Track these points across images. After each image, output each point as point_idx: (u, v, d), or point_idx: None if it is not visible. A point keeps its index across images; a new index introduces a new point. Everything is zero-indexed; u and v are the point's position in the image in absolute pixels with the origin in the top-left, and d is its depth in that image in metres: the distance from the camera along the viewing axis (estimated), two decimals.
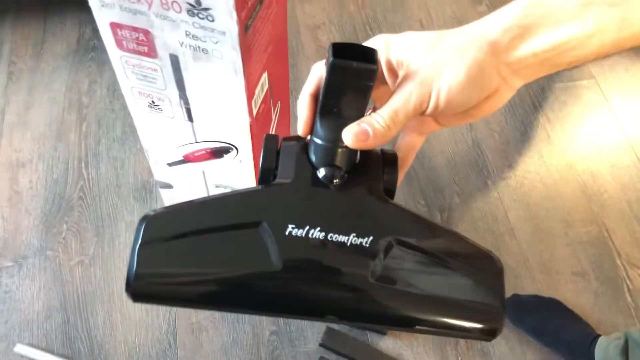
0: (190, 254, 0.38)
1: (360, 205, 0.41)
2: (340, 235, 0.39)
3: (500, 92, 0.41)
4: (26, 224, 1.00)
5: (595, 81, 1.22)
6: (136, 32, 0.53)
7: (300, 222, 0.38)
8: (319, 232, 0.38)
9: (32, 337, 0.89)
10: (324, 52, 0.38)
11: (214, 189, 0.72)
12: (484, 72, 0.40)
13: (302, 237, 0.38)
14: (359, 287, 0.38)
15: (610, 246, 1.02)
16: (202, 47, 0.52)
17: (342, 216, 0.40)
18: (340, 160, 0.41)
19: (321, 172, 0.41)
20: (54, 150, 1.08)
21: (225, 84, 0.55)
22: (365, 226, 0.39)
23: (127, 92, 0.61)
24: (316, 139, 0.41)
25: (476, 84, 0.40)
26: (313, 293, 0.39)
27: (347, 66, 0.38)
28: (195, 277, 0.38)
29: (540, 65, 0.40)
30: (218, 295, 0.39)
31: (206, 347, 0.89)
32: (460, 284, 0.40)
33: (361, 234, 0.39)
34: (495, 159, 1.11)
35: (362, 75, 0.38)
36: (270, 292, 0.38)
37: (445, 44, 0.40)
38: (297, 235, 0.38)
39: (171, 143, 0.66)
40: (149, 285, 0.37)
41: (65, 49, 1.22)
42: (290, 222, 0.38)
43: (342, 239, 0.38)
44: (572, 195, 1.08)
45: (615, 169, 1.11)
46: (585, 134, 1.15)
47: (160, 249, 0.38)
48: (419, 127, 0.46)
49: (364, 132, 0.40)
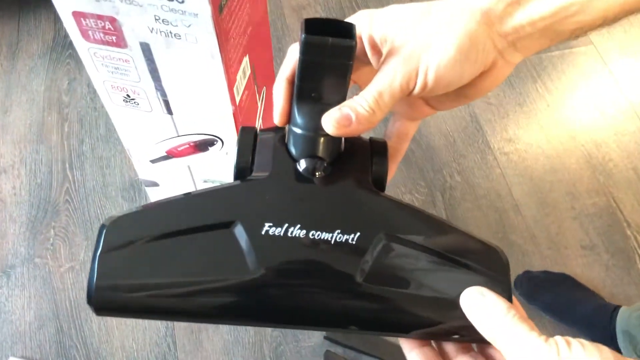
0: (155, 261, 0.33)
1: (346, 198, 0.36)
2: (324, 232, 0.34)
3: (497, 68, 0.37)
4: (12, 231, 0.96)
5: (593, 47, 1.18)
6: (101, 20, 0.48)
7: (278, 220, 0.34)
8: (299, 230, 0.33)
9: (25, 349, 0.86)
10: None
11: (202, 184, 0.68)
12: (477, 44, 0.35)
13: (281, 237, 0.33)
14: (346, 289, 0.33)
15: (619, 216, 0.99)
16: (174, 32, 0.47)
17: (325, 211, 0.35)
18: (323, 150, 0.36)
19: (301, 164, 0.36)
20: (36, 154, 1.04)
21: (203, 71, 0.51)
22: (352, 221, 0.35)
23: (99, 86, 0.57)
24: (294, 128, 0.36)
25: (469, 57, 0.35)
26: (295, 299, 0.34)
27: (321, 43, 0.33)
28: (161, 287, 0.33)
29: (540, 35, 0.36)
30: (187, 306, 0.34)
31: (207, 347, 0.86)
32: (461, 281, 0.35)
33: (347, 230, 0.34)
34: (495, 134, 1.07)
35: (339, 52, 0.34)
36: (247, 300, 0.33)
37: (433, 16, 0.35)
38: (274, 235, 0.33)
39: (152, 138, 0.62)
40: (111, 297, 0.33)
41: (41, 47, 1.17)
42: (266, 220, 0.33)
43: (325, 236, 0.34)
44: (577, 167, 1.04)
45: (619, 136, 1.07)
46: (587, 102, 1.11)
47: (122, 256, 0.33)
48: (410, 112, 0.41)
49: (345, 118, 0.35)
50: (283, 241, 0.33)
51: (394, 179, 1.01)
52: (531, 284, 0.91)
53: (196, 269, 0.33)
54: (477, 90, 0.38)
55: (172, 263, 0.33)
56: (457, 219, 0.99)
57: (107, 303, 0.33)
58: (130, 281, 0.33)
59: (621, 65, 1.15)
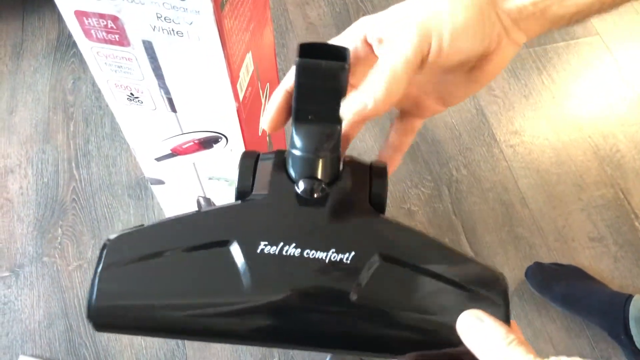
0: (152, 279, 0.33)
1: (342, 218, 0.37)
2: (318, 251, 0.34)
3: (502, 48, 0.36)
4: (20, 231, 0.96)
5: (599, 37, 1.17)
6: (104, 19, 0.48)
7: (274, 239, 0.34)
8: (294, 248, 0.34)
9: (35, 348, 0.86)
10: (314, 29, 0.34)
11: (207, 181, 0.68)
12: (485, 15, 0.35)
13: (276, 255, 0.34)
14: (339, 309, 0.33)
15: (627, 208, 0.98)
16: (176, 30, 0.47)
17: (320, 231, 0.35)
18: (321, 171, 0.36)
19: (300, 185, 0.36)
20: (43, 153, 1.04)
21: (206, 68, 0.51)
22: (346, 241, 0.35)
23: (103, 85, 0.57)
24: (293, 150, 0.36)
25: (479, 24, 0.35)
26: (288, 319, 0.34)
27: (314, 66, 0.34)
28: (158, 306, 0.34)
29: (541, 15, 0.36)
30: (184, 324, 0.34)
31: (216, 346, 0.86)
32: (458, 303, 0.34)
33: (341, 249, 0.34)
34: (500, 126, 1.07)
35: (333, 74, 0.35)
36: (242, 320, 0.34)
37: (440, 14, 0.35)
38: (269, 253, 0.34)
39: (156, 137, 0.62)
40: (109, 314, 0.33)
41: (45, 47, 1.17)
42: (262, 239, 0.34)
43: (320, 255, 0.34)
44: (584, 158, 1.03)
45: (626, 127, 1.06)
46: (593, 93, 1.11)
47: (121, 274, 0.33)
48: (418, 111, 0.41)
49: (363, 106, 0.35)
50: (278, 259, 0.34)
51: (399, 174, 1.01)
52: (543, 275, 0.90)
53: (192, 287, 0.34)
54: (486, 73, 0.37)
55: (169, 281, 0.34)
56: (464, 212, 0.98)
57: (106, 320, 0.33)
58: (128, 299, 0.33)
59: (627, 56, 1.14)
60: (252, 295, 0.33)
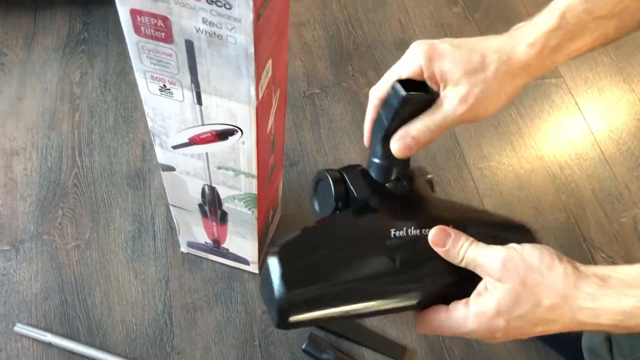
0: (325, 271, 0.45)
1: (431, 203, 0.52)
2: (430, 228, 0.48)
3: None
4: (22, 209, 1.02)
5: (563, 80, 1.30)
6: (155, 18, 0.57)
7: (398, 226, 0.47)
8: (414, 229, 0.48)
9: (30, 318, 0.92)
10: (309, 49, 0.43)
11: (216, 170, 0.76)
12: (516, 95, 0.49)
13: (404, 236, 0.47)
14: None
15: (577, 232, 1.10)
16: (217, 33, 0.56)
17: (425, 214, 0.50)
18: (401, 173, 0.51)
19: (389, 185, 0.51)
20: (47, 139, 1.11)
21: (236, 69, 0.60)
22: (443, 218, 0.49)
23: (140, 76, 0.65)
24: (377, 160, 0.52)
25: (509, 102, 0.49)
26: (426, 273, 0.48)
27: (417, 97, 0.48)
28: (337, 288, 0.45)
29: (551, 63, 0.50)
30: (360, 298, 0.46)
31: (201, 326, 0.94)
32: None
33: (444, 224, 0.48)
34: (471, 151, 1.18)
35: (425, 102, 0.48)
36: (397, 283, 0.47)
37: (488, 69, 0.47)
38: (400, 236, 0.47)
39: (178, 126, 0.70)
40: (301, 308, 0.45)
41: (55, 41, 1.24)
42: (391, 227, 0.47)
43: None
44: (542, 185, 1.15)
45: (581, 160, 1.19)
46: (554, 128, 1.24)
47: (299, 275, 0.45)
48: None
49: (408, 146, 0.48)
50: (407, 239, 0.48)
51: None
52: None
53: (357, 270, 0.46)
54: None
55: (336, 268, 0.46)
56: None
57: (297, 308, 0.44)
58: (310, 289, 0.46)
59: (586, 98, 1.28)
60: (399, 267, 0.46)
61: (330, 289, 0.45)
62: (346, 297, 0.45)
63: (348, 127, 1.18)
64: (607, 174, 1.17)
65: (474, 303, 0.45)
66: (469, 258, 0.45)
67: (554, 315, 0.42)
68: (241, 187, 0.78)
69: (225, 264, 0.99)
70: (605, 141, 1.22)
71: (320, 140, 1.15)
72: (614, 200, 1.14)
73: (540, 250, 0.44)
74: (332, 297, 0.45)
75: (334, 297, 0.45)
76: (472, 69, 0.47)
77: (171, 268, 0.98)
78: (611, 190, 1.15)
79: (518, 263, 0.43)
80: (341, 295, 0.45)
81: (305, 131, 1.17)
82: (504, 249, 0.45)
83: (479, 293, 0.45)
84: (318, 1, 1.37)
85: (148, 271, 0.98)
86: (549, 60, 0.47)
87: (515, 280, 0.43)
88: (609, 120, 1.25)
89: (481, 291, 0.45)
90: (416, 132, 0.48)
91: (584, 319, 0.42)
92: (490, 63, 0.47)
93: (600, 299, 0.42)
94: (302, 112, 1.19)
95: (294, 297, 0.43)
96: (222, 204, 0.84)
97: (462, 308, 0.45)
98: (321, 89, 1.23)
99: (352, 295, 0.45)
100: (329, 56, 1.28)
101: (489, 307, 0.44)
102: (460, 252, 0.46)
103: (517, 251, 0.44)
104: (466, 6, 1.41)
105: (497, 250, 0.45)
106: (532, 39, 0.47)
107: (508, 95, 0.48)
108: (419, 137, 0.48)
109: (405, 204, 0.51)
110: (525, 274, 0.43)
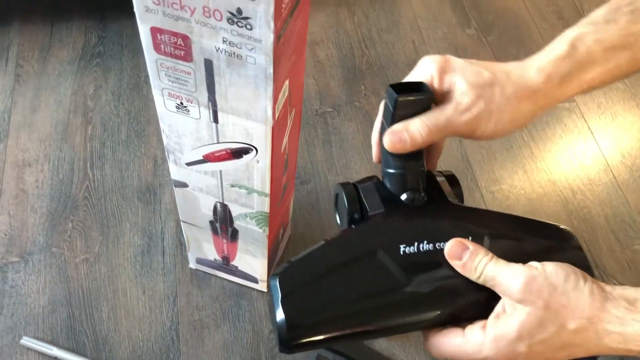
0: (328, 292, 0.45)
1: (449, 214, 0.49)
2: (446, 242, 0.45)
3: None
4: (32, 221, 1.02)
5: (575, 104, 1.30)
6: (175, 37, 0.57)
7: (409, 241, 0.45)
8: (427, 244, 0.45)
9: (37, 331, 0.92)
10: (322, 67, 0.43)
11: (229, 188, 0.76)
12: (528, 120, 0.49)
13: (415, 252, 0.45)
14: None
15: (589, 258, 1.09)
16: (237, 53, 0.57)
17: (440, 226, 0.47)
18: (417, 183, 0.49)
19: (405, 197, 0.48)
20: (60, 151, 1.11)
21: (254, 89, 0.60)
22: (461, 230, 0.46)
23: (157, 93, 0.65)
24: (390, 170, 0.49)
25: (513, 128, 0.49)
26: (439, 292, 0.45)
27: (410, 100, 0.47)
28: (340, 309, 0.44)
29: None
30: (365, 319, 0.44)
31: (208, 344, 0.93)
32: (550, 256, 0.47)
33: (461, 237, 0.46)
34: (483, 173, 1.18)
35: (421, 104, 0.47)
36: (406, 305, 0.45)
37: (497, 90, 0.47)
38: (410, 252, 0.45)
39: (193, 143, 0.70)
40: (302, 329, 0.43)
41: (71, 54, 1.25)
42: (400, 243, 0.45)
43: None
44: (554, 210, 1.14)
45: (593, 186, 1.18)
46: (566, 153, 1.23)
47: (299, 296, 0.44)
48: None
49: (401, 140, 0.47)
50: (419, 255, 0.45)
51: None
52: None
53: (362, 290, 0.44)
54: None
55: (340, 290, 0.44)
56: None
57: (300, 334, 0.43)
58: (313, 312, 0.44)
59: (599, 122, 1.28)
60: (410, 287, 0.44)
61: (334, 312, 0.43)
62: (350, 319, 0.44)
63: (360, 146, 1.17)
64: (620, 200, 1.16)
65: (492, 326, 0.43)
66: (487, 275, 0.43)
67: (579, 339, 0.41)
68: (253, 205, 0.78)
69: (233, 281, 0.98)
70: (618, 167, 1.21)
71: (332, 158, 1.15)
72: (626, 227, 1.13)
73: (564, 269, 0.43)
74: (336, 320, 0.43)
75: (337, 320, 0.43)
76: (481, 83, 0.47)
77: (179, 284, 0.98)
78: (624, 216, 1.14)
79: (541, 284, 0.42)
80: (345, 317, 0.44)
81: (317, 149, 1.16)
82: (526, 268, 0.43)
83: (497, 316, 0.44)
84: (332, 20, 1.38)
85: (156, 287, 0.97)
86: (559, 90, 0.46)
87: (538, 302, 0.41)
88: (622, 145, 1.24)
89: (499, 313, 0.44)
90: (413, 128, 0.47)
91: (611, 344, 0.41)
92: (500, 81, 0.47)
93: (630, 324, 0.40)
94: (314, 130, 1.19)
95: (295, 321, 0.42)
96: (233, 222, 0.83)
97: (479, 332, 0.44)
98: (333, 108, 1.23)
99: (356, 317, 0.44)
100: (341, 75, 1.28)
101: (509, 330, 0.42)
102: (478, 267, 0.43)
103: (540, 271, 0.43)
104: (480, 28, 1.41)
105: (518, 270, 0.43)
106: (541, 65, 0.47)
107: (513, 119, 0.48)
108: (414, 133, 0.47)
109: (420, 216, 0.48)
110: (549, 295, 0.41)
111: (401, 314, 0.44)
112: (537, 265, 0.43)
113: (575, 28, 0.48)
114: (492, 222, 0.49)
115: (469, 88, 0.47)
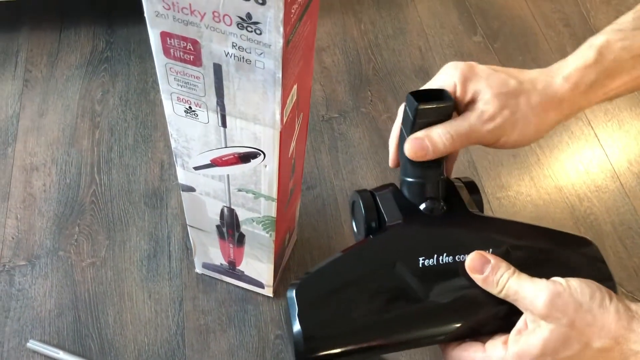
0: (345, 305, 0.43)
1: (469, 225, 0.48)
2: (466, 254, 0.44)
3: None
4: (39, 225, 1.03)
5: (582, 112, 1.30)
6: (185, 41, 0.58)
7: (429, 253, 0.44)
8: (446, 257, 0.44)
9: (44, 334, 0.92)
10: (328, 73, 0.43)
11: (236, 192, 0.76)
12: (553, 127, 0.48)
13: (435, 265, 0.44)
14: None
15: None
16: (246, 58, 0.57)
17: (460, 238, 0.46)
18: (436, 192, 0.48)
19: (424, 206, 0.47)
20: (67, 156, 1.12)
21: (263, 93, 0.60)
22: (482, 241, 0.45)
23: (166, 97, 0.66)
24: (409, 179, 0.48)
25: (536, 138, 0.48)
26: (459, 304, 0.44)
27: (431, 108, 0.46)
28: (357, 323, 0.43)
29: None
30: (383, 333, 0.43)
31: (213, 349, 0.93)
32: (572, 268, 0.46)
33: (482, 248, 0.45)
34: (489, 180, 1.18)
35: (442, 111, 0.46)
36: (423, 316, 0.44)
37: (523, 99, 0.46)
38: (430, 265, 0.43)
39: (201, 148, 0.71)
40: (320, 344, 0.42)
41: (79, 59, 1.26)
42: (419, 255, 0.44)
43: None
44: (561, 217, 1.14)
45: (600, 192, 1.18)
46: (573, 160, 1.23)
47: (317, 309, 0.43)
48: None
49: (423, 148, 0.46)
50: (438, 268, 0.44)
51: None
52: None
53: (380, 303, 0.43)
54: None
55: (357, 303, 0.43)
56: None
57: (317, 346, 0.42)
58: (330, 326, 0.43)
59: (606, 130, 1.27)
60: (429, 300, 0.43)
61: (351, 325, 0.43)
62: (367, 333, 0.43)
63: (366, 152, 1.18)
64: (627, 207, 1.16)
65: (514, 342, 0.42)
66: (509, 289, 0.43)
67: (603, 358, 0.41)
68: (260, 209, 0.78)
69: (239, 286, 0.98)
70: (625, 174, 1.21)
71: (338, 164, 1.15)
72: (633, 234, 1.12)
73: (589, 286, 0.42)
74: (353, 334, 0.43)
75: (354, 334, 0.43)
76: (507, 92, 0.46)
77: (185, 289, 0.98)
78: (631, 223, 1.13)
79: (567, 301, 0.41)
80: (362, 331, 0.43)
81: (323, 155, 1.17)
82: (550, 283, 0.42)
83: (519, 332, 0.43)
84: (339, 27, 1.38)
85: (162, 291, 0.97)
86: (584, 98, 0.46)
87: (563, 319, 0.41)
88: (629, 152, 1.24)
89: (521, 329, 0.43)
90: (436, 136, 0.46)
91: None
92: (526, 90, 0.46)
93: None
94: (320, 136, 1.19)
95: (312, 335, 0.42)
96: (240, 226, 0.84)
97: (500, 347, 0.43)
98: (340, 114, 1.23)
99: (374, 330, 0.43)
100: (348, 81, 1.28)
101: (532, 347, 0.41)
102: (500, 281, 0.43)
103: (564, 287, 0.42)
104: (486, 35, 1.41)
105: (542, 285, 0.42)
106: (568, 73, 0.46)
107: (537, 129, 0.47)
108: (436, 141, 0.46)
109: (439, 227, 0.47)
110: (574, 313, 0.40)
111: (420, 327, 0.44)
112: (562, 281, 0.43)
113: (601, 35, 0.48)
114: (513, 233, 0.48)
115: (493, 97, 0.46)
